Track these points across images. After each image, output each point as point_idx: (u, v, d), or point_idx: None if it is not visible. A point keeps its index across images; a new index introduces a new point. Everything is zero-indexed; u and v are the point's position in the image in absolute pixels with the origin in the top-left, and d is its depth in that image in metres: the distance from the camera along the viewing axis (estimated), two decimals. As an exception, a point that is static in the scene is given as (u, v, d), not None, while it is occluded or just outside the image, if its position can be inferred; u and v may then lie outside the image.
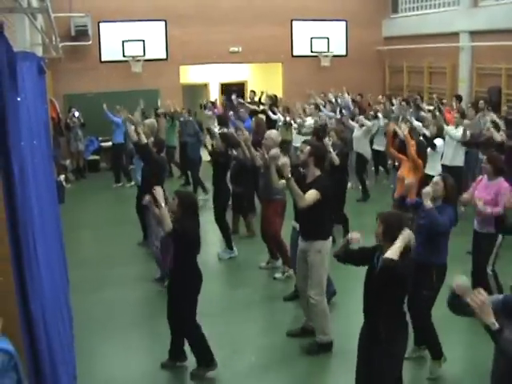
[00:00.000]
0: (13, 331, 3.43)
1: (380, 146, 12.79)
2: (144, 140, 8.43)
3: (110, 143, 16.44)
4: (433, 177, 8.52)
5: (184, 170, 14.71)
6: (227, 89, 18.82)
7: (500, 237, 6.80)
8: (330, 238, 6.38)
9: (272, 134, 8.45)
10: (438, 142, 10.13)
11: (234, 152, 9.56)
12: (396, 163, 10.16)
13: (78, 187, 14.55)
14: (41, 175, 4.77)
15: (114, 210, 12.51)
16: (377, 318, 4.61)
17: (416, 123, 11.76)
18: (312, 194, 5.99)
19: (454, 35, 16.20)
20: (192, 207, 5.76)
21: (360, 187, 12.73)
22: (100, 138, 16.63)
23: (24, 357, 3.32)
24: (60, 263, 6.07)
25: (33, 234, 3.48)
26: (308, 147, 6.24)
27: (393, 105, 14.85)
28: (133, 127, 9.06)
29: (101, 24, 16.41)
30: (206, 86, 20.03)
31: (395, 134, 9.79)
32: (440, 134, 10.37)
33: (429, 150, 9.80)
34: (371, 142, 13.21)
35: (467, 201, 7.17)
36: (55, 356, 3.74)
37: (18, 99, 3.44)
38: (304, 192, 6.00)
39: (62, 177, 13.41)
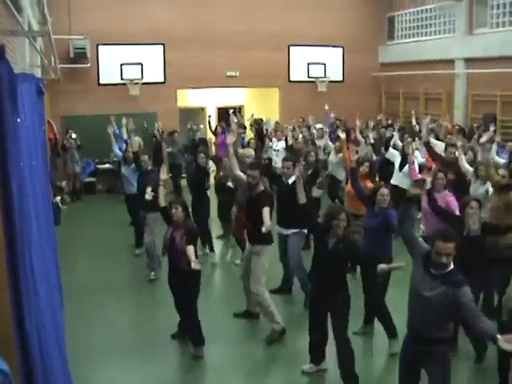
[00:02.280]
0: (6, 349, 3.42)
1: None
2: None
3: (106, 165, 16.56)
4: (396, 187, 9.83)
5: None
6: (224, 113, 18.83)
7: None
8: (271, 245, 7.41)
9: (246, 152, 9.18)
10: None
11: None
12: None
13: (73, 209, 14.52)
14: (39, 196, 4.78)
15: (110, 232, 12.46)
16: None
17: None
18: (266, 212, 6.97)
19: (450, 62, 16.38)
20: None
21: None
22: (96, 160, 16.68)
23: (17, 375, 3.31)
24: (56, 283, 6.05)
25: (30, 253, 3.48)
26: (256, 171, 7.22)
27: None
28: (136, 138, 10.23)
29: (99, 47, 16.52)
30: (203, 109, 20.11)
31: None
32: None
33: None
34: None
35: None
36: (49, 374, 3.73)
37: (18, 120, 3.47)
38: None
39: (58, 198, 13.38)
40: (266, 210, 6.91)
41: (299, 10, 18.24)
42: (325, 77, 18.87)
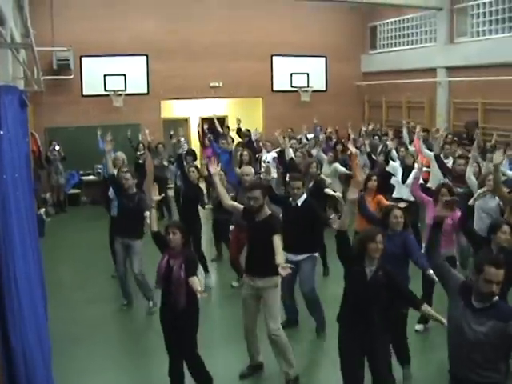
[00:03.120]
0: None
1: None
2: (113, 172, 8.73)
3: (90, 177, 16.54)
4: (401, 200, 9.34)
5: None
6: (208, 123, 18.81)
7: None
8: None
9: (245, 170, 8.75)
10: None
11: None
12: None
13: (58, 221, 14.45)
14: (22, 208, 4.77)
15: (94, 243, 12.37)
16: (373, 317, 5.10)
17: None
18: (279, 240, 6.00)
19: (432, 71, 16.54)
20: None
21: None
22: (81, 172, 16.64)
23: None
24: (40, 295, 6.03)
25: (14, 265, 3.48)
26: (257, 191, 6.22)
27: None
28: (119, 154, 9.52)
29: (83, 58, 16.49)
30: (186, 120, 20.11)
31: None
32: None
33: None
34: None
35: None
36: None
37: (1, 132, 3.47)
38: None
39: (43, 210, 13.34)
40: (277, 239, 5.96)
41: (282, 20, 18.35)
42: (308, 86, 18.97)
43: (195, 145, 17.34)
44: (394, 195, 10.48)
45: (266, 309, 6.28)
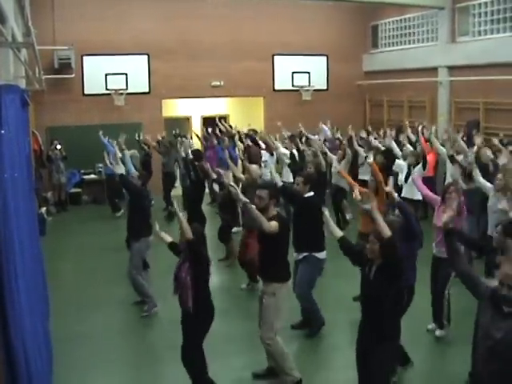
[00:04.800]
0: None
1: (365, 175, 12.56)
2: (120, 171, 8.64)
3: (92, 176, 16.56)
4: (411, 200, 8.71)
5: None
6: (209, 122, 18.88)
7: None
8: (289, 282, 6.32)
9: (252, 168, 8.92)
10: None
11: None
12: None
13: (59, 220, 14.45)
14: (22, 207, 4.77)
15: (96, 241, 12.40)
16: (380, 318, 4.92)
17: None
18: (273, 223, 5.91)
19: (433, 70, 16.53)
20: (202, 237, 5.91)
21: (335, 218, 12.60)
22: (82, 171, 16.65)
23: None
24: (41, 294, 6.04)
25: (14, 264, 3.48)
26: (264, 191, 6.16)
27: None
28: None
29: (84, 57, 16.49)
30: (188, 119, 20.13)
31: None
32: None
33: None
34: (356, 175, 13.06)
35: None
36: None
37: (2, 132, 3.47)
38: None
39: (44, 209, 13.34)
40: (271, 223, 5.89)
41: (283, 20, 18.34)
42: (309, 85, 18.95)
43: (197, 144, 17.32)
44: (403, 195, 10.37)
45: (261, 314, 6.18)
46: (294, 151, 13.07)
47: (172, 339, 6.39)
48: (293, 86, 18.92)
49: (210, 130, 16.61)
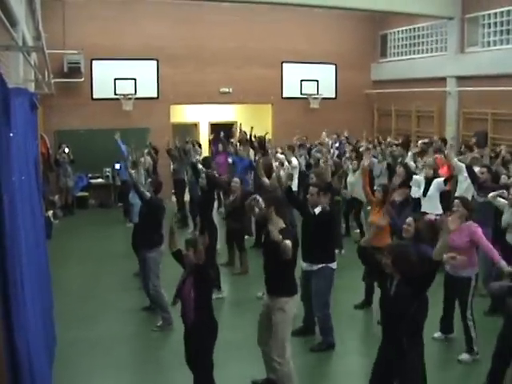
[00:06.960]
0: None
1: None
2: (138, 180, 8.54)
3: (99, 180, 16.58)
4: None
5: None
6: (216, 129, 18.82)
7: (474, 279, 6.84)
8: (297, 295, 6.11)
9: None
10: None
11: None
12: None
13: (65, 223, 14.46)
14: (29, 210, 4.78)
15: (102, 246, 12.42)
16: (400, 335, 4.74)
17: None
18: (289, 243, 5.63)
19: (442, 80, 16.51)
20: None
21: (358, 230, 12.59)
22: (89, 175, 16.69)
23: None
24: (46, 298, 6.04)
25: (20, 267, 3.48)
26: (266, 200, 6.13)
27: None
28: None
29: (93, 61, 16.56)
30: (196, 125, 20.15)
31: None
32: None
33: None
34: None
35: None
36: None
37: (11, 135, 3.48)
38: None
39: (50, 212, 13.36)
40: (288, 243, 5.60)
41: (292, 28, 18.37)
42: (317, 94, 18.97)
43: (205, 150, 17.35)
44: (422, 209, 9.96)
45: (268, 330, 5.90)
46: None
47: (178, 346, 6.32)
48: (301, 93, 18.94)
49: (222, 134, 16.22)
